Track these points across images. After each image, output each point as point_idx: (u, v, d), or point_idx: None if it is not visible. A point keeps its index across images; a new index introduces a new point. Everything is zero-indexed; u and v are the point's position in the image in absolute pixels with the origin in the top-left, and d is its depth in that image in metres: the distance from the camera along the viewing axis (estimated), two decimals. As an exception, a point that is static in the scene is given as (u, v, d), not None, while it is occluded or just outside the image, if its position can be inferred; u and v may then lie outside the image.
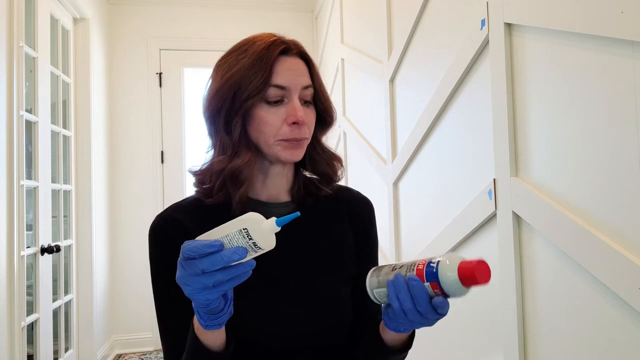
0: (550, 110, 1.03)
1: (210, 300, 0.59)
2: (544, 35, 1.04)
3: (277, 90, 0.74)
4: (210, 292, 0.57)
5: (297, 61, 0.78)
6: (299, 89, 0.76)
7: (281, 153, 0.76)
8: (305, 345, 0.76)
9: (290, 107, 0.75)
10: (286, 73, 0.75)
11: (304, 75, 0.77)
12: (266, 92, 0.74)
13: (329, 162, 0.85)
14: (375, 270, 0.67)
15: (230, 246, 0.57)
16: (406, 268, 0.62)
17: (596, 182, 0.90)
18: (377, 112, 2.27)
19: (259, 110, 0.75)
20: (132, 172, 3.59)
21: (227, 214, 0.73)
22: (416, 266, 0.61)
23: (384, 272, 0.65)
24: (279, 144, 0.75)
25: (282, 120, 0.75)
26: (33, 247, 2.33)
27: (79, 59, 3.06)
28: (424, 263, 0.61)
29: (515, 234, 1.15)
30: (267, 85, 0.74)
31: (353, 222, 0.86)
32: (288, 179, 0.84)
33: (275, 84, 0.74)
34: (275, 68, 0.75)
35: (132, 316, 3.53)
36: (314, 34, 3.89)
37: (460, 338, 1.50)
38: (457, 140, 1.49)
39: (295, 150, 0.76)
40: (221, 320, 0.62)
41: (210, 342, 0.66)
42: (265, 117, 0.75)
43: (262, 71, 0.74)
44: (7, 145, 1.96)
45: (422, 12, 1.72)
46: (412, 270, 0.61)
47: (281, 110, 0.75)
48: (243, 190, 0.76)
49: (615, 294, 0.85)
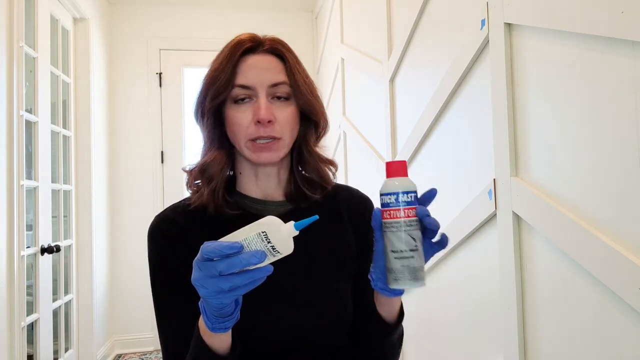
0: (550, 110, 1.03)
1: (224, 305, 0.58)
2: (544, 35, 1.04)
3: (241, 89, 0.75)
4: (225, 296, 0.56)
5: (265, 58, 0.77)
6: (265, 86, 0.75)
7: (252, 156, 0.76)
8: (305, 345, 0.76)
9: (255, 105, 0.75)
10: (249, 72, 0.75)
11: (271, 72, 0.76)
12: (231, 93, 0.75)
13: (317, 165, 0.83)
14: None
15: (249, 250, 0.56)
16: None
17: (596, 182, 0.90)
18: (377, 112, 2.27)
19: (229, 110, 0.76)
20: (132, 172, 3.59)
21: (225, 219, 0.73)
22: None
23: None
24: (248, 146, 0.76)
25: (250, 119, 0.75)
26: (33, 247, 2.33)
27: (79, 59, 3.06)
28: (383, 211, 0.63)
29: (515, 234, 1.15)
30: (230, 86, 0.75)
31: (353, 221, 0.86)
32: (281, 179, 0.83)
33: (239, 84, 0.75)
34: (239, 68, 0.75)
35: (132, 316, 3.53)
36: (314, 34, 3.89)
37: (461, 338, 1.50)
38: (457, 140, 1.49)
39: (264, 153, 0.75)
40: (229, 324, 0.62)
41: (217, 345, 0.65)
42: (234, 117, 0.76)
43: (225, 72, 0.75)
44: (7, 145, 1.96)
45: (422, 12, 1.72)
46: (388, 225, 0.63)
47: (249, 109, 0.75)
48: (214, 186, 0.77)
49: (615, 294, 0.85)
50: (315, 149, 0.84)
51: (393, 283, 0.62)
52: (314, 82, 0.83)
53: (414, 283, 0.62)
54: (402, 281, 0.61)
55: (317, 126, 0.83)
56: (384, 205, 0.63)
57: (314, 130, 0.83)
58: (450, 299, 1.51)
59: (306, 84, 0.79)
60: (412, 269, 0.61)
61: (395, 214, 0.61)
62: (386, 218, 0.62)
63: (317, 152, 0.84)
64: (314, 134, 0.83)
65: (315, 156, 0.83)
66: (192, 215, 0.79)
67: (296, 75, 0.78)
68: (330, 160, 0.86)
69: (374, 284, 0.68)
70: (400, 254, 0.61)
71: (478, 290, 1.38)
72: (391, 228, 0.62)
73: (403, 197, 0.62)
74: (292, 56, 0.80)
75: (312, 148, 0.83)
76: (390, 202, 0.62)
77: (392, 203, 0.62)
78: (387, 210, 0.62)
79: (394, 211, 0.62)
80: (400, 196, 0.62)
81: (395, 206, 0.61)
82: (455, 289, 1.50)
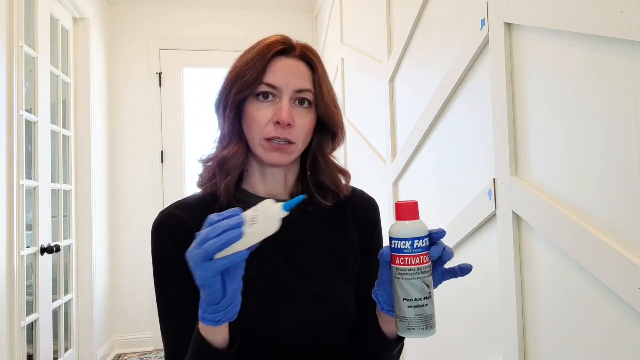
0: (550, 110, 1.03)
1: (207, 280, 0.58)
2: (544, 35, 1.04)
3: (267, 88, 0.76)
4: (205, 266, 0.57)
5: (296, 64, 0.78)
6: (290, 90, 0.76)
7: (263, 155, 0.77)
8: (308, 344, 0.76)
9: (278, 106, 0.76)
10: (279, 73, 0.76)
11: (300, 78, 0.77)
12: (257, 89, 0.76)
13: (333, 174, 0.84)
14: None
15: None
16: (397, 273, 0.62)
17: (596, 182, 0.90)
18: (377, 112, 2.27)
19: (250, 106, 0.77)
20: (132, 172, 3.59)
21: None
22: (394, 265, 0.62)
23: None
24: (262, 145, 0.76)
25: (269, 119, 0.76)
26: (33, 247, 2.33)
27: (79, 59, 3.06)
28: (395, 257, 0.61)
29: (515, 234, 1.15)
30: (258, 82, 0.76)
31: (358, 222, 0.86)
32: (288, 181, 0.84)
33: (266, 82, 0.76)
34: (270, 67, 0.76)
35: (132, 316, 3.53)
36: (314, 34, 3.89)
37: (461, 338, 1.50)
38: (457, 140, 1.49)
39: (276, 154, 0.76)
40: (217, 317, 0.61)
41: (213, 339, 0.65)
42: (255, 113, 0.76)
43: (256, 68, 0.76)
44: (7, 145, 1.96)
45: (422, 12, 1.72)
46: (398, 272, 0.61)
47: (271, 109, 0.76)
48: (229, 181, 0.78)
49: (615, 294, 0.85)
50: (330, 158, 0.84)
51: (405, 332, 0.60)
52: (336, 94, 0.84)
53: (427, 332, 0.60)
54: (415, 331, 0.59)
55: (334, 137, 0.84)
56: (396, 251, 0.60)
57: (331, 140, 0.84)
58: (450, 299, 1.51)
59: (330, 96, 0.80)
60: (426, 317, 0.59)
61: (410, 261, 0.59)
62: (399, 264, 0.60)
63: (332, 161, 0.85)
64: (330, 144, 0.84)
65: (331, 165, 0.84)
66: (197, 211, 0.79)
67: (322, 86, 0.79)
68: (344, 170, 0.87)
69: (381, 306, 0.68)
70: (414, 302, 0.59)
71: (478, 290, 1.38)
72: (405, 275, 0.59)
73: (418, 243, 0.59)
74: (321, 66, 0.81)
75: (328, 157, 0.84)
76: (404, 249, 0.59)
77: (407, 250, 0.59)
78: (400, 256, 0.60)
79: (408, 258, 0.59)
80: (415, 242, 0.59)
81: (409, 253, 0.59)
82: (455, 289, 1.50)
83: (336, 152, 0.88)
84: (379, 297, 0.68)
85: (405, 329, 0.60)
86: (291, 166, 0.83)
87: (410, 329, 0.60)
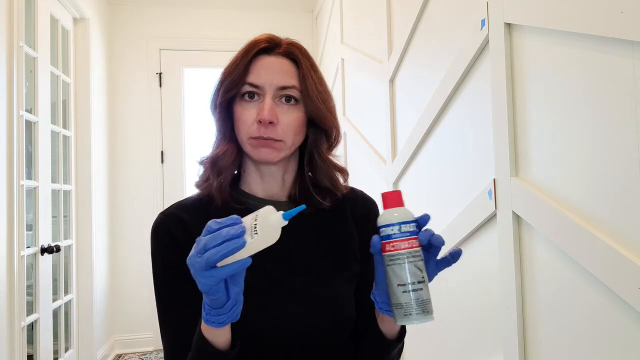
0: (550, 110, 1.03)
1: (210, 288, 0.58)
2: (544, 35, 1.04)
3: (251, 87, 0.77)
4: (208, 274, 0.56)
5: (279, 61, 0.78)
6: (273, 88, 0.76)
7: (252, 152, 0.77)
8: (308, 344, 0.76)
9: (260, 105, 0.76)
10: (261, 71, 0.77)
11: (283, 75, 0.77)
12: (242, 89, 0.77)
13: (329, 172, 0.83)
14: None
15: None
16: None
17: (596, 182, 0.90)
18: (377, 112, 2.27)
19: (237, 106, 0.78)
20: (132, 172, 3.58)
21: (230, 213, 0.73)
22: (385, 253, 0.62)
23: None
24: (249, 143, 0.77)
25: (254, 118, 0.76)
26: (33, 247, 2.33)
27: (79, 59, 3.06)
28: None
29: (515, 234, 1.15)
30: (242, 82, 0.77)
31: (358, 222, 0.86)
32: (286, 181, 0.83)
33: (249, 81, 0.77)
34: (252, 66, 0.77)
35: (132, 316, 3.53)
36: (314, 34, 3.89)
37: (461, 338, 1.50)
38: (457, 140, 1.49)
39: (262, 150, 0.76)
40: (221, 319, 0.61)
41: (215, 340, 0.65)
42: (240, 113, 0.77)
43: (239, 68, 0.77)
44: (7, 145, 1.96)
45: (422, 12, 1.72)
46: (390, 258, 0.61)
47: (255, 108, 0.76)
48: (222, 180, 0.78)
49: (615, 294, 0.85)
50: (327, 156, 0.83)
51: (402, 319, 0.60)
52: (330, 91, 0.83)
53: (425, 317, 0.59)
54: (412, 316, 0.59)
55: (327, 134, 0.82)
56: (385, 238, 0.60)
57: (324, 137, 0.82)
58: (450, 299, 1.51)
59: (318, 92, 0.79)
60: (422, 302, 0.59)
61: (399, 245, 0.59)
62: (389, 251, 0.60)
63: (329, 159, 0.83)
64: (325, 141, 0.83)
65: (328, 163, 0.83)
66: (196, 211, 0.79)
67: (308, 81, 0.78)
68: (342, 167, 0.86)
69: (379, 306, 0.68)
70: (409, 286, 0.59)
71: (478, 290, 1.38)
72: (396, 261, 0.59)
73: (405, 227, 0.60)
74: (307, 61, 0.80)
75: (325, 155, 0.82)
76: (392, 234, 0.60)
77: (395, 234, 0.60)
78: (389, 242, 0.60)
79: (397, 242, 0.59)
80: (402, 227, 0.60)
81: (398, 237, 0.59)
82: (455, 288, 1.50)
83: (336, 152, 0.87)
84: (376, 297, 0.68)
85: (402, 315, 0.59)
86: (288, 165, 0.83)
87: (407, 315, 0.59)
